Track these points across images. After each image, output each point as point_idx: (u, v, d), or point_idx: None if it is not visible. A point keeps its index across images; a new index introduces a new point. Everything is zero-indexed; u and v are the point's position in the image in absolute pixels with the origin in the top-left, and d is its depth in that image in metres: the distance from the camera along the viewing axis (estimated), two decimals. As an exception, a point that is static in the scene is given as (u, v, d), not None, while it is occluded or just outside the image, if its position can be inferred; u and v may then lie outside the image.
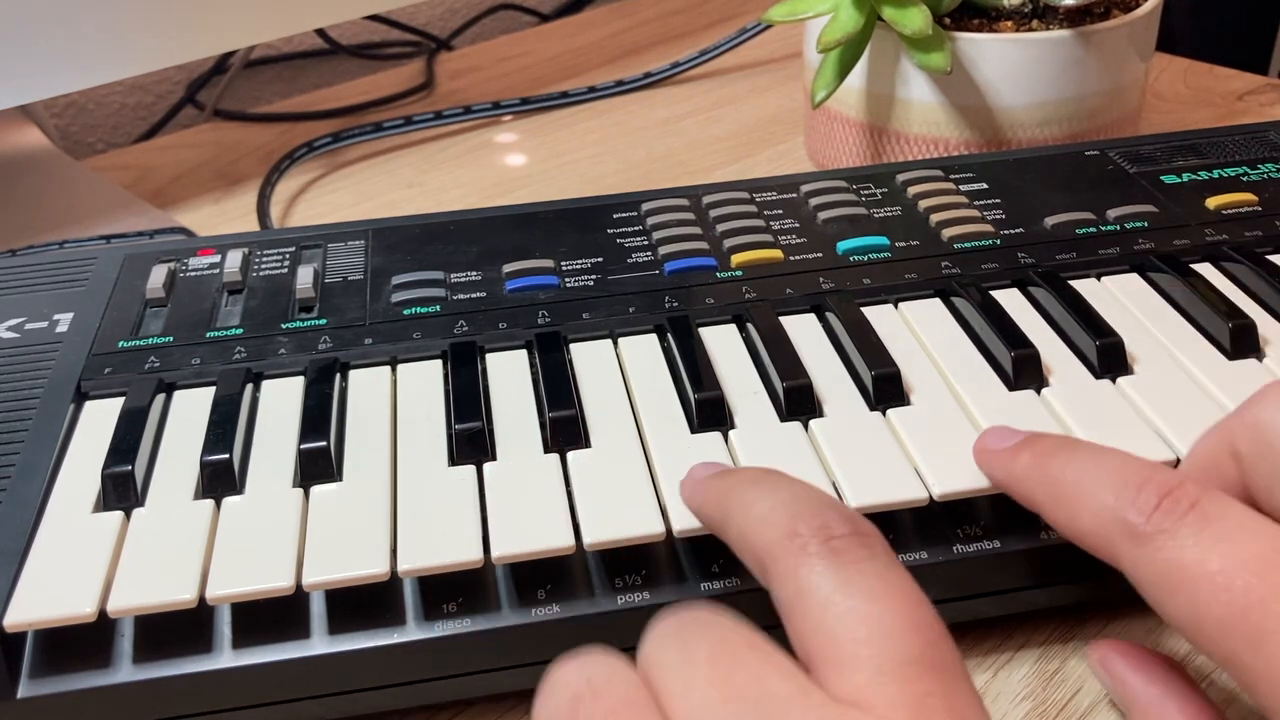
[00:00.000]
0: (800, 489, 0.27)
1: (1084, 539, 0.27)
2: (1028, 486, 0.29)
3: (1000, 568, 0.33)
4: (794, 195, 0.46)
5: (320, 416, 0.35)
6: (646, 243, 0.43)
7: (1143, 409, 0.34)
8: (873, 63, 0.54)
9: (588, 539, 0.31)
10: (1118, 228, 0.43)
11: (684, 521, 0.31)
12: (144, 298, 0.41)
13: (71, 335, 0.39)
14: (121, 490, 0.33)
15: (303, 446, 0.33)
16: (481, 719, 0.33)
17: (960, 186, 0.46)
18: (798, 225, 0.44)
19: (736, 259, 0.42)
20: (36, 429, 0.35)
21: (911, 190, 0.46)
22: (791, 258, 0.42)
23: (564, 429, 0.34)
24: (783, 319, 0.39)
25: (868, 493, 0.32)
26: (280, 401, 0.37)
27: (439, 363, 0.38)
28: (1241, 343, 0.37)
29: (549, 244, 0.43)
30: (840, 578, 0.24)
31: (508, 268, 0.42)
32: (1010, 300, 0.40)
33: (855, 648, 0.23)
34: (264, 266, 0.43)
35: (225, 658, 0.30)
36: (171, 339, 0.39)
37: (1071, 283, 0.40)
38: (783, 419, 0.35)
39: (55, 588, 0.30)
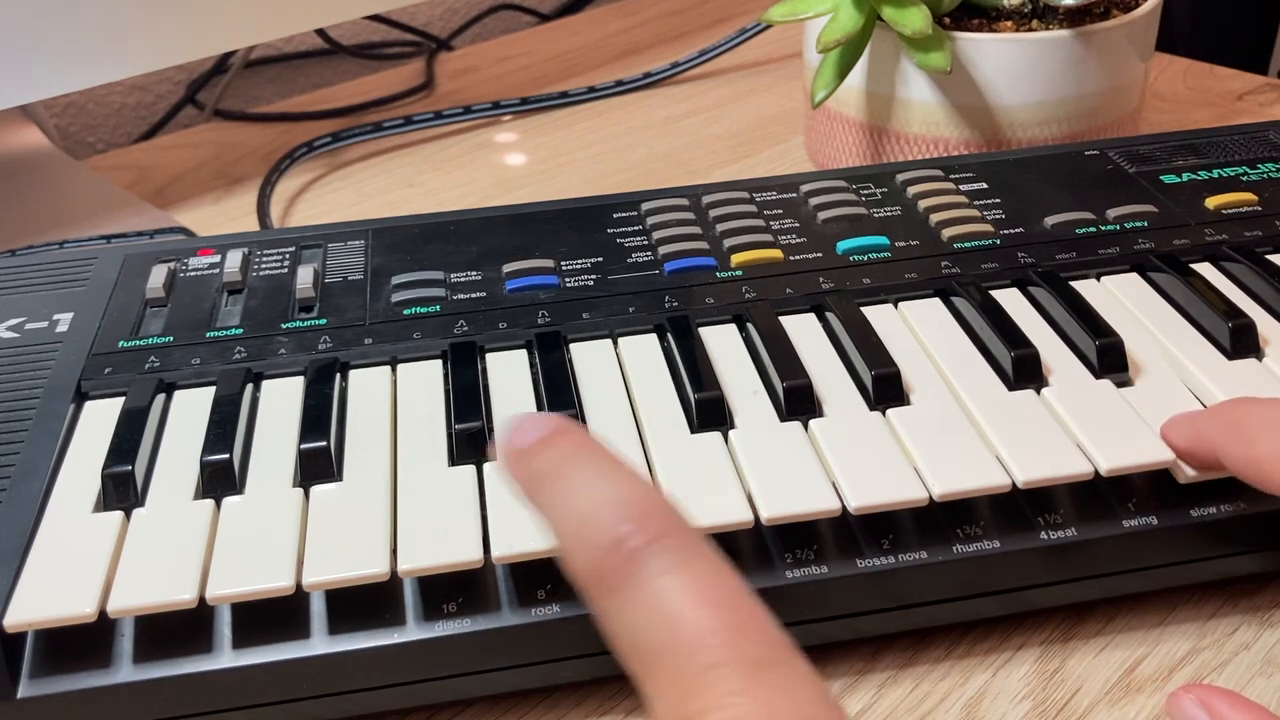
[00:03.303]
0: (593, 494, 0.25)
1: (1258, 464, 0.30)
2: (1209, 429, 0.32)
3: (1000, 568, 0.33)
4: (794, 195, 0.46)
5: (320, 416, 0.35)
6: (646, 243, 0.43)
7: (1143, 409, 0.34)
8: (873, 63, 0.54)
9: (588, 539, 0.31)
10: (1118, 227, 0.43)
11: (684, 521, 0.31)
12: (144, 298, 0.41)
13: (71, 335, 0.39)
14: (121, 490, 0.33)
15: (303, 446, 0.33)
16: (481, 719, 0.33)
17: (960, 186, 0.46)
18: (798, 225, 0.44)
19: (736, 259, 0.42)
20: (36, 429, 0.35)
21: (911, 190, 0.46)
22: (791, 258, 0.42)
23: (564, 429, 0.34)
24: (783, 319, 0.39)
25: (868, 493, 0.32)
26: (280, 401, 0.37)
27: (439, 363, 0.38)
28: (1241, 343, 0.37)
29: (549, 244, 0.43)
30: (638, 602, 0.23)
31: (508, 268, 0.42)
32: (1010, 300, 0.40)
33: (652, 663, 0.22)
34: (264, 266, 0.43)
35: (225, 658, 0.30)
36: (171, 339, 0.39)
37: (1071, 283, 0.40)
38: (783, 419, 0.35)
39: (55, 588, 0.30)
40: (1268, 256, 0.41)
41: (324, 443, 0.34)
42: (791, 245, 0.43)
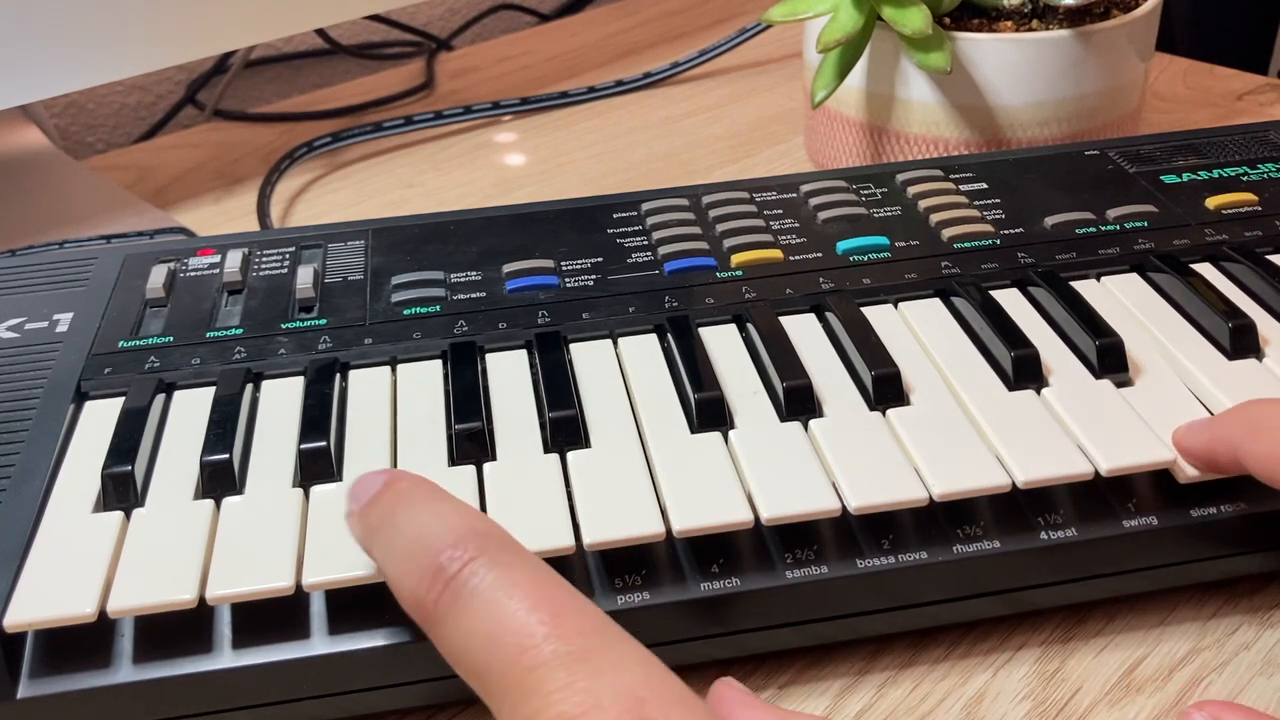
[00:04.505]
0: (413, 530, 0.26)
1: (1272, 457, 0.30)
2: (1228, 429, 0.32)
3: (1000, 568, 0.33)
4: (794, 195, 0.46)
5: (320, 416, 0.35)
6: (646, 243, 0.43)
7: (1143, 409, 0.34)
8: (873, 63, 0.54)
9: (587, 539, 0.31)
10: (1118, 228, 0.43)
11: (684, 521, 0.31)
12: (144, 298, 0.41)
13: (71, 335, 0.39)
14: (121, 490, 0.33)
15: (303, 446, 0.33)
16: (481, 719, 0.33)
17: (960, 186, 0.46)
18: (798, 225, 0.44)
19: (736, 259, 0.42)
20: (36, 429, 0.35)
21: (911, 190, 0.46)
22: (791, 258, 0.42)
23: (564, 429, 0.34)
24: (783, 319, 0.39)
25: (868, 493, 0.32)
26: (280, 401, 0.37)
27: (439, 363, 0.38)
28: (1241, 343, 0.37)
29: (549, 244, 0.43)
30: (461, 623, 0.24)
31: (508, 268, 0.42)
32: (1010, 300, 0.40)
33: (486, 679, 0.24)
34: (264, 266, 0.43)
35: (225, 658, 0.30)
36: (171, 339, 0.39)
37: (1071, 283, 0.40)
38: (783, 419, 0.35)
39: (55, 588, 0.30)
40: (1268, 256, 0.41)
41: (324, 443, 0.34)
42: (791, 245, 0.43)
